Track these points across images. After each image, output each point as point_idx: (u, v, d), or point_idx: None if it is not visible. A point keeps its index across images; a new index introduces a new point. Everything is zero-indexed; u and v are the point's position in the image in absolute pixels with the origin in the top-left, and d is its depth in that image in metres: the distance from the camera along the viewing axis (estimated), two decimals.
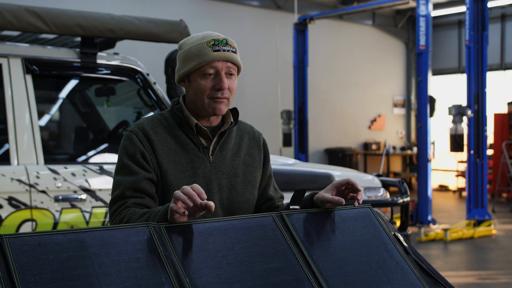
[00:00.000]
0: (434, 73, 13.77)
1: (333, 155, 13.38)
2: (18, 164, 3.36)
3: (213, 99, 1.94)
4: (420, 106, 8.95)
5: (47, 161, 3.49)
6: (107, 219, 3.51)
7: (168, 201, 1.88)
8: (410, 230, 4.59)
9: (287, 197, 2.21)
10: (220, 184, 1.99)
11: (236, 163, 2.04)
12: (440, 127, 13.51)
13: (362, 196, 1.91)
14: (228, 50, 1.94)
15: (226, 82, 1.94)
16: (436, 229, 8.44)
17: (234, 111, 2.07)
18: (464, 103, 8.75)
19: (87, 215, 3.45)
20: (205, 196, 1.64)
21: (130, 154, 1.93)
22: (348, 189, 1.93)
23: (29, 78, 3.51)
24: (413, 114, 15.13)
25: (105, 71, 3.83)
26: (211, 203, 1.64)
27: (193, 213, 1.66)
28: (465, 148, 8.77)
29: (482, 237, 8.08)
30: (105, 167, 3.59)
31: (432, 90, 9.29)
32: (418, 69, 9.07)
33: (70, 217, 3.41)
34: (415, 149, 13.55)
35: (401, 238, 1.99)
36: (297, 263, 1.72)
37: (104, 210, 3.51)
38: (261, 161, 2.13)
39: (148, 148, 1.94)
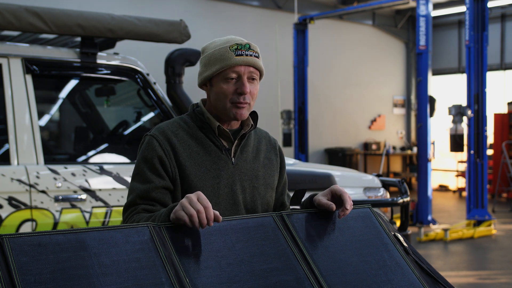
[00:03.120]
0: (434, 73, 13.77)
1: (333, 155, 13.38)
2: (18, 164, 3.36)
3: (234, 104, 1.94)
4: (420, 106, 8.95)
5: (47, 161, 3.49)
6: (107, 219, 3.52)
7: None
8: (410, 230, 4.59)
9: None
10: (243, 186, 2.00)
11: (257, 165, 2.05)
12: (440, 127, 13.51)
13: (347, 212, 1.88)
14: (250, 55, 1.94)
15: (248, 87, 1.94)
16: (436, 229, 8.44)
17: (253, 114, 2.08)
18: (464, 103, 8.75)
19: (87, 215, 3.45)
20: (211, 212, 1.65)
21: (147, 160, 1.93)
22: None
23: (29, 78, 3.51)
24: (413, 114, 15.13)
25: (105, 71, 3.83)
26: (219, 216, 1.66)
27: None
28: (465, 148, 8.77)
29: (482, 237, 8.08)
30: (105, 167, 3.59)
31: (432, 90, 9.29)
32: (418, 69, 9.07)
33: (70, 217, 3.41)
34: (415, 149, 13.55)
35: (401, 238, 1.99)
36: (297, 263, 1.72)
37: (104, 210, 3.51)
38: (278, 165, 2.14)
39: (168, 152, 1.93)
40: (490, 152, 12.17)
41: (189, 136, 1.98)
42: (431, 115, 8.94)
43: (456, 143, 8.90)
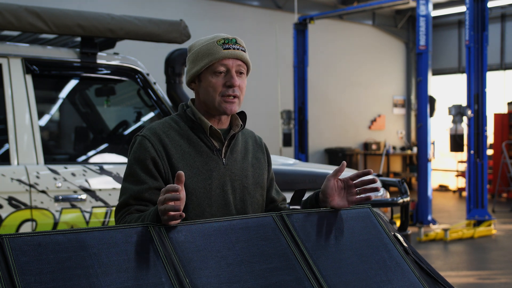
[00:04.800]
0: (434, 73, 13.77)
1: (333, 155, 13.38)
2: (18, 164, 3.36)
3: (224, 98, 1.95)
4: (420, 106, 8.95)
5: (47, 161, 3.49)
6: (107, 219, 3.52)
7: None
8: (410, 230, 4.59)
9: (288, 198, 2.23)
10: (233, 186, 2.00)
11: (246, 165, 2.06)
12: (440, 127, 13.51)
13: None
14: (238, 49, 1.97)
15: (237, 80, 1.96)
16: (436, 229, 8.44)
17: (241, 114, 2.09)
18: (464, 103, 8.75)
19: (87, 215, 3.45)
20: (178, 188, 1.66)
21: (139, 161, 1.93)
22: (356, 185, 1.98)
23: (29, 78, 3.51)
24: (413, 114, 15.13)
25: (105, 71, 3.83)
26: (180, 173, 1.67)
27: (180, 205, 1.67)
28: (465, 148, 8.77)
29: (482, 237, 8.08)
30: (105, 167, 3.59)
31: (432, 90, 9.29)
32: (418, 69, 9.07)
33: (70, 217, 3.41)
34: (415, 149, 13.55)
35: (401, 238, 1.99)
36: (297, 263, 1.72)
37: (104, 210, 3.51)
38: (266, 163, 2.15)
39: (160, 153, 1.93)
40: (490, 152, 12.17)
41: (180, 136, 1.98)
42: (431, 115, 8.94)
43: (456, 143, 8.90)
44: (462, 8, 12.48)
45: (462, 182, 13.36)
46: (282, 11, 12.42)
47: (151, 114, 4.32)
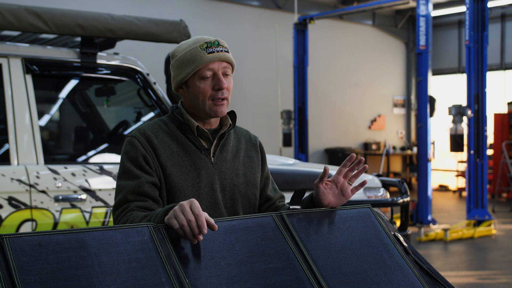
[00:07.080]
0: (434, 73, 13.77)
1: (333, 155, 13.38)
2: (18, 164, 3.36)
3: (214, 101, 1.97)
4: (420, 106, 8.95)
5: (47, 161, 3.49)
6: (107, 219, 3.52)
7: (173, 202, 1.91)
8: (410, 230, 4.59)
9: (287, 197, 2.22)
10: (223, 185, 2.02)
11: (237, 164, 2.07)
12: (440, 127, 13.51)
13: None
14: (221, 51, 1.98)
15: (225, 82, 1.97)
16: (436, 229, 8.44)
17: (232, 114, 2.10)
18: (464, 103, 8.75)
19: (87, 215, 3.45)
20: (202, 219, 1.62)
21: (132, 159, 1.95)
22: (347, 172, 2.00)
23: (29, 78, 3.51)
24: (413, 114, 15.13)
25: (105, 71, 3.83)
26: (213, 225, 1.64)
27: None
28: (465, 148, 8.77)
29: (482, 237, 8.08)
30: (105, 167, 3.59)
31: (432, 90, 9.29)
32: (418, 69, 9.07)
33: (70, 217, 3.41)
34: (415, 149, 13.55)
35: (401, 238, 1.99)
36: (297, 263, 1.72)
37: (104, 210, 3.51)
38: (259, 162, 2.16)
39: (150, 152, 1.95)
40: (490, 152, 12.17)
41: (169, 137, 2.01)
42: (431, 115, 8.94)
43: (456, 143, 8.91)
44: (462, 8, 12.48)
45: (462, 182, 13.36)
46: (282, 11, 12.42)
47: (151, 114, 4.32)
